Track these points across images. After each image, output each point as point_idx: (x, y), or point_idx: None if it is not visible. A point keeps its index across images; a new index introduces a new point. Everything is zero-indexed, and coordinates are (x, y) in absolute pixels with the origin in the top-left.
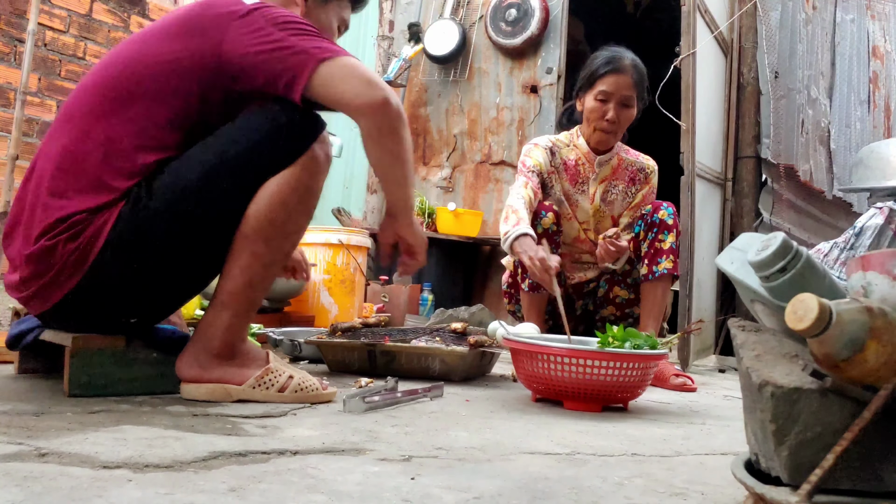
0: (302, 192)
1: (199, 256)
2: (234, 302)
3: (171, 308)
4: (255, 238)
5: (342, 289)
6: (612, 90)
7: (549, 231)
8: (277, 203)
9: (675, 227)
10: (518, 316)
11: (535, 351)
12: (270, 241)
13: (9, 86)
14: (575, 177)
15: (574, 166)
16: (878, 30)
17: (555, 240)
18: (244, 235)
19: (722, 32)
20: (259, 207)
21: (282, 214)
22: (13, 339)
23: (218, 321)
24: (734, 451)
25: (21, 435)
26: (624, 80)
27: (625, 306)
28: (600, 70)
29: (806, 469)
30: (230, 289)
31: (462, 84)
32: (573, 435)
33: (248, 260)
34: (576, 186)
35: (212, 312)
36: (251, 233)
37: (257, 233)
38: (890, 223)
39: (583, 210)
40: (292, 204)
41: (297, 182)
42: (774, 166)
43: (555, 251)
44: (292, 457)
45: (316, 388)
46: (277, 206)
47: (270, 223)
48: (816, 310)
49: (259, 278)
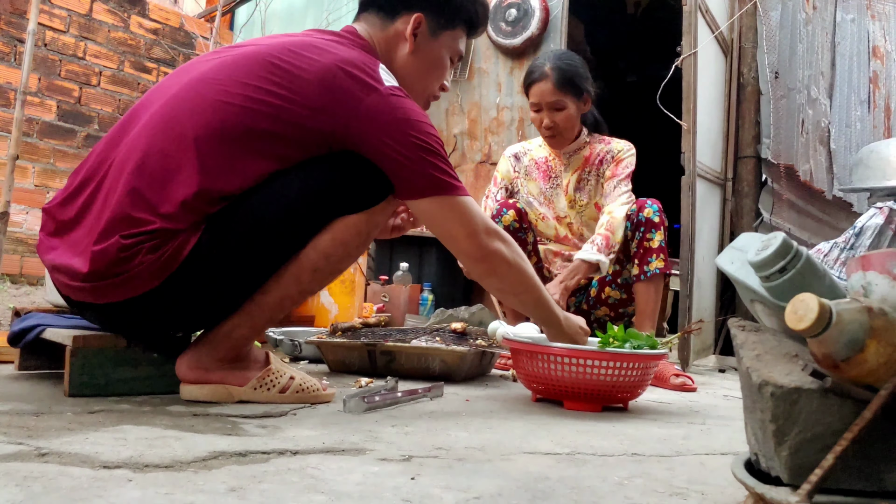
0: (363, 237)
1: (256, 279)
2: (258, 315)
3: (214, 323)
4: (306, 267)
5: (342, 289)
6: (537, 100)
7: (510, 228)
8: (339, 242)
9: (663, 224)
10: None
11: (535, 351)
12: (317, 273)
13: (9, 86)
14: (547, 173)
15: (545, 163)
16: (878, 30)
17: (519, 237)
18: (298, 261)
19: (722, 32)
20: (322, 242)
21: (339, 252)
22: (15, 335)
23: (236, 331)
24: (734, 451)
25: (21, 435)
26: (545, 87)
27: (618, 306)
28: (525, 84)
29: (806, 469)
30: (260, 302)
31: (462, 84)
32: (573, 435)
33: (289, 283)
34: (549, 182)
35: (233, 321)
36: (305, 261)
37: (311, 263)
38: (890, 223)
39: (559, 205)
40: (352, 246)
41: (363, 227)
42: (774, 166)
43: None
44: (292, 457)
45: (316, 389)
46: (339, 245)
47: (326, 258)
48: (816, 310)
49: (290, 302)
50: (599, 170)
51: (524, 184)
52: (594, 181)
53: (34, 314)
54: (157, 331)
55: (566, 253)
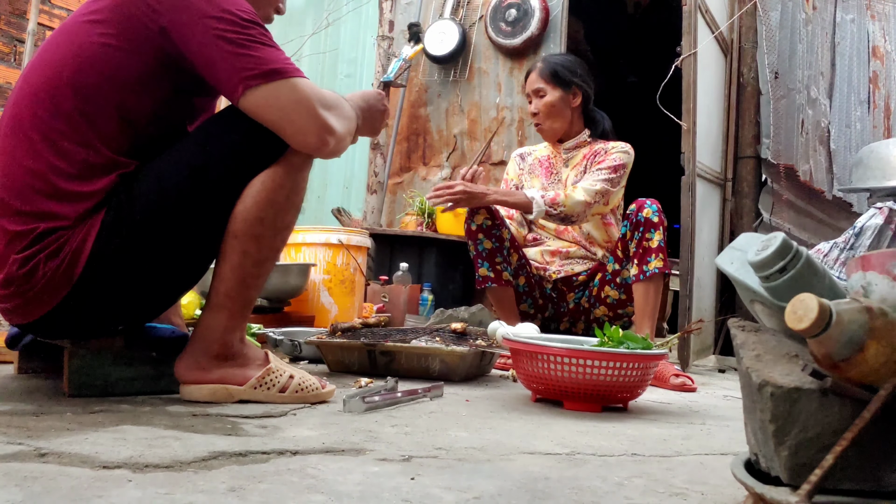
0: (289, 189)
1: (187, 258)
2: (229, 302)
3: (160, 311)
4: (244, 237)
5: (342, 289)
6: (528, 90)
7: (482, 226)
8: (264, 201)
9: (662, 224)
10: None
11: (535, 351)
12: (261, 239)
13: (9, 86)
14: (549, 170)
15: (547, 160)
16: (878, 30)
17: (493, 233)
18: (233, 235)
19: (722, 32)
20: (246, 206)
21: (270, 212)
22: (12, 338)
23: (215, 323)
24: (734, 451)
25: (21, 435)
26: (532, 76)
27: (616, 307)
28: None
29: (806, 469)
30: (224, 290)
31: (462, 84)
32: (573, 435)
33: (239, 259)
34: (550, 178)
35: (208, 315)
36: (240, 232)
37: (246, 232)
38: (890, 223)
39: None
40: (280, 201)
41: (282, 179)
42: (774, 166)
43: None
44: (292, 457)
45: (316, 388)
46: (265, 204)
47: (259, 221)
48: (816, 310)
49: (252, 277)
50: (592, 164)
51: (528, 180)
52: None
53: None
54: (100, 330)
55: (564, 250)
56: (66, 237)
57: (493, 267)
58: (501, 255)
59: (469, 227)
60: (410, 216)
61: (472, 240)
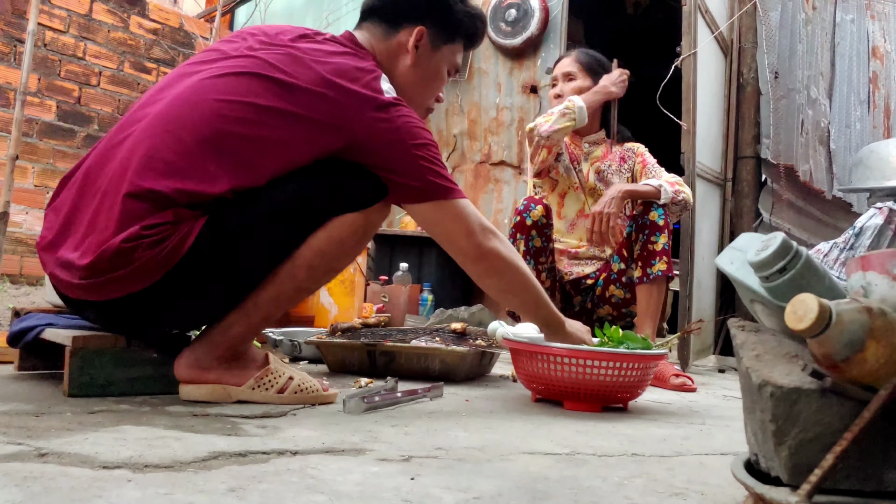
0: (360, 237)
1: (253, 276)
2: (255, 313)
3: (211, 321)
4: (301, 264)
5: (342, 289)
6: (558, 73)
7: (538, 223)
8: (335, 240)
9: (667, 228)
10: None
11: (535, 351)
12: (312, 271)
13: (9, 86)
14: (572, 156)
15: (568, 146)
16: (878, 30)
17: (545, 232)
18: (293, 258)
19: (722, 33)
20: (318, 240)
21: (335, 250)
22: (14, 336)
23: (233, 328)
24: (734, 451)
25: (21, 435)
26: (566, 60)
27: (621, 305)
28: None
29: (806, 469)
30: (256, 300)
31: (462, 84)
32: (573, 435)
33: (285, 280)
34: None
35: (230, 319)
36: (301, 259)
37: (306, 260)
38: (890, 223)
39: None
40: (348, 245)
41: (359, 227)
42: (774, 166)
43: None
44: (292, 457)
45: (316, 389)
46: (334, 244)
47: (321, 255)
48: (816, 310)
49: (286, 299)
50: (622, 166)
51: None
52: (615, 172)
53: (33, 314)
54: (156, 328)
55: (572, 251)
56: (171, 234)
57: (537, 265)
58: (545, 255)
59: (524, 222)
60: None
61: (523, 234)
